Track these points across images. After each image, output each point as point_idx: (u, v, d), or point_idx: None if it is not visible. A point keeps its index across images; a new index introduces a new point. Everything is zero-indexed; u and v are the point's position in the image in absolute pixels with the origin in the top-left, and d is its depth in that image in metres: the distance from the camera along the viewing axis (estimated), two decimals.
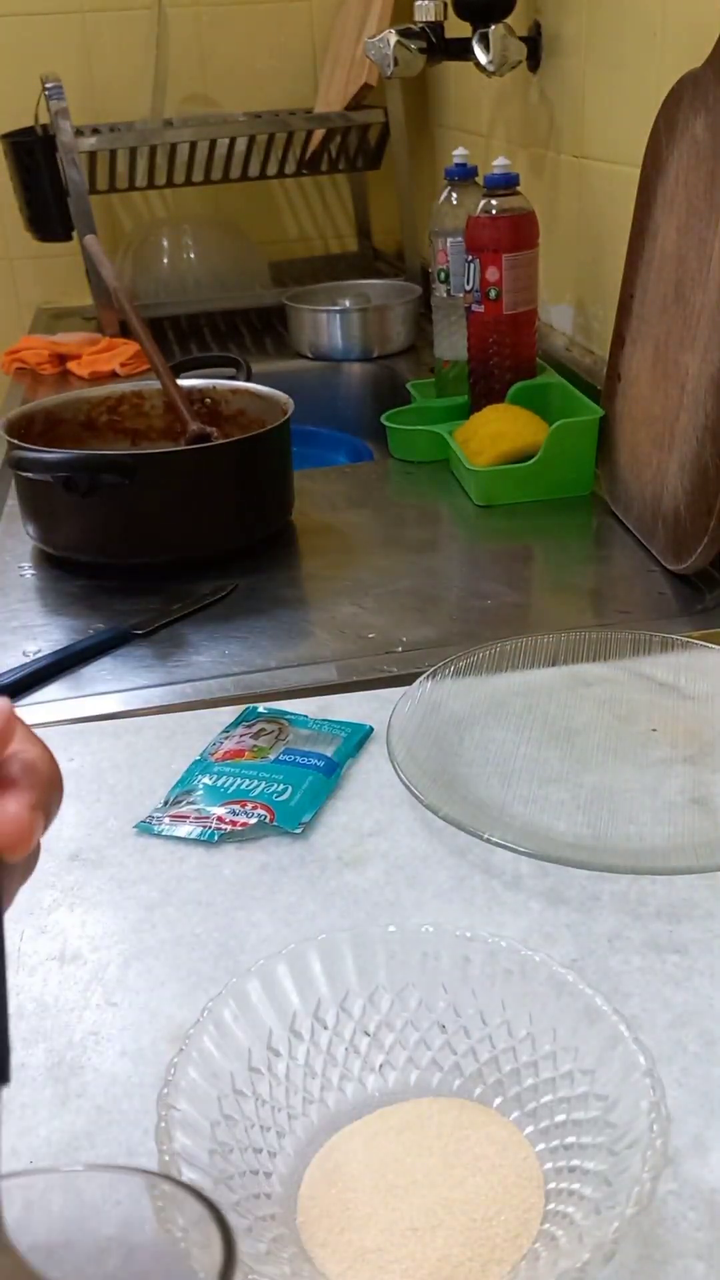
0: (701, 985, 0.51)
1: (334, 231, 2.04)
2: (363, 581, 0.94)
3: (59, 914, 0.58)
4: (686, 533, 0.88)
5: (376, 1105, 0.45)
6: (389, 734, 0.68)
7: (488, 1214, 0.40)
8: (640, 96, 1.06)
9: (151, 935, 0.56)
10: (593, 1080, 0.42)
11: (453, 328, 1.25)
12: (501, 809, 0.64)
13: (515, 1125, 0.43)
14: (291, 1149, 0.43)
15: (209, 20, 1.85)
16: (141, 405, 1.14)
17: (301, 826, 0.63)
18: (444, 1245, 0.39)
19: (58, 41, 1.81)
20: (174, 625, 0.88)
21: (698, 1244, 0.40)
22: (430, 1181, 0.41)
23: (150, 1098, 0.45)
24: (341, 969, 0.47)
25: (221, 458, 0.98)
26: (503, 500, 1.07)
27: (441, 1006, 0.46)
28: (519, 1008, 0.45)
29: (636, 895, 0.57)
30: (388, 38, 1.26)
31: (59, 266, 1.92)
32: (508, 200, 1.11)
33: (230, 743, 0.70)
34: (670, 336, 0.92)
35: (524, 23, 1.29)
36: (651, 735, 0.70)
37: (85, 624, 0.89)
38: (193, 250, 1.83)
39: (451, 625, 0.87)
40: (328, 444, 1.44)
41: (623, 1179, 0.37)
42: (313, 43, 1.89)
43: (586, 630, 0.80)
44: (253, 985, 0.45)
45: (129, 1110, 0.47)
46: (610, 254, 1.16)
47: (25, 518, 1.01)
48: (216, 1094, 0.42)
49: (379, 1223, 0.40)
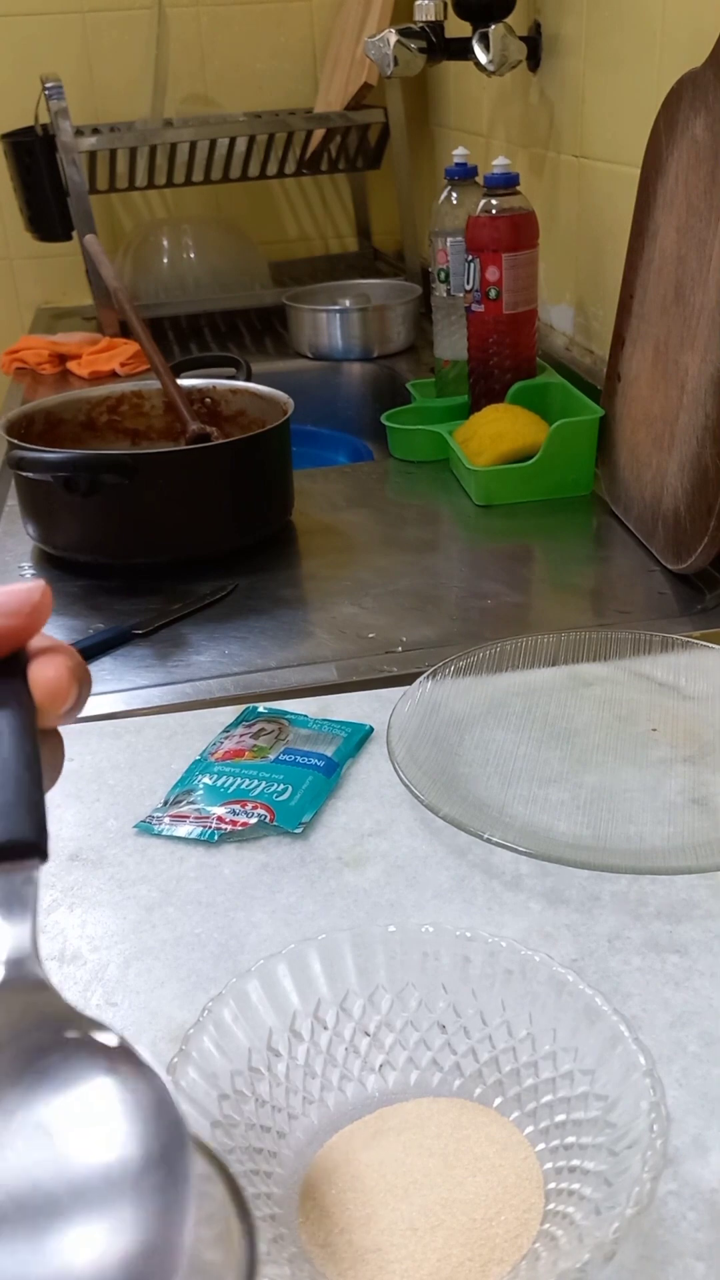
0: (701, 985, 0.51)
1: (334, 231, 2.04)
2: (363, 581, 0.94)
3: (59, 914, 0.58)
4: (686, 533, 0.88)
5: (376, 1105, 0.45)
6: (389, 734, 0.68)
7: (488, 1214, 0.40)
8: (640, 96, 1.06)
9: (151, 935, 0.56)
10: (593, 1080, 0.42)
11: (453, 327, 1.25)
12: (501, 809, 0.64)
13: (515, 1125, 0.43)
14: (291, 1149, 0.43)
15: (209, 20, 1.85)
16: (141, 405, 1.14)
17: (301, 826, 0.63)
18: (444, 1245, 0.39)
19: (58, 41, 1.81)
20: (174, 625, 0.88)
21: (697, 1244, 0.40)
22: (430, 1182, 0.41)
23: None
24: (341, 969, 0.47)
25: (221, 458, 0.98)
26: (503, 500, 1.07)
27: (441, 1007, 0.46)
28: (519, 1008, 0.45)
29: (636, 895, 0.57)
30: (388, 37, 1.26)
31: (59, 266, 1.92)
32: (508, 200, 1.11)
33: (230, 743, 0.70)
34: (670, 337, 0.92)
35: (524, 23, 1.29)
36: (651, 735, 0.70)
37: (85, 624, 0.89)
38: (193, 250, 1.83)
39: (451, 625, 0.87)
40: (328, 444, 1.44)
41: (623, 1179, 0.37)
42: (313, 43, 1.89)
43: (586, 630, 0.80)
44: (252, 985, 0.45)
45: None
46: (610, 254, 1.16)
47: (25, 518, 1.01)
48: (216, 1094, 0.42)
49: (379, 1223, 0.40)
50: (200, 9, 1.84)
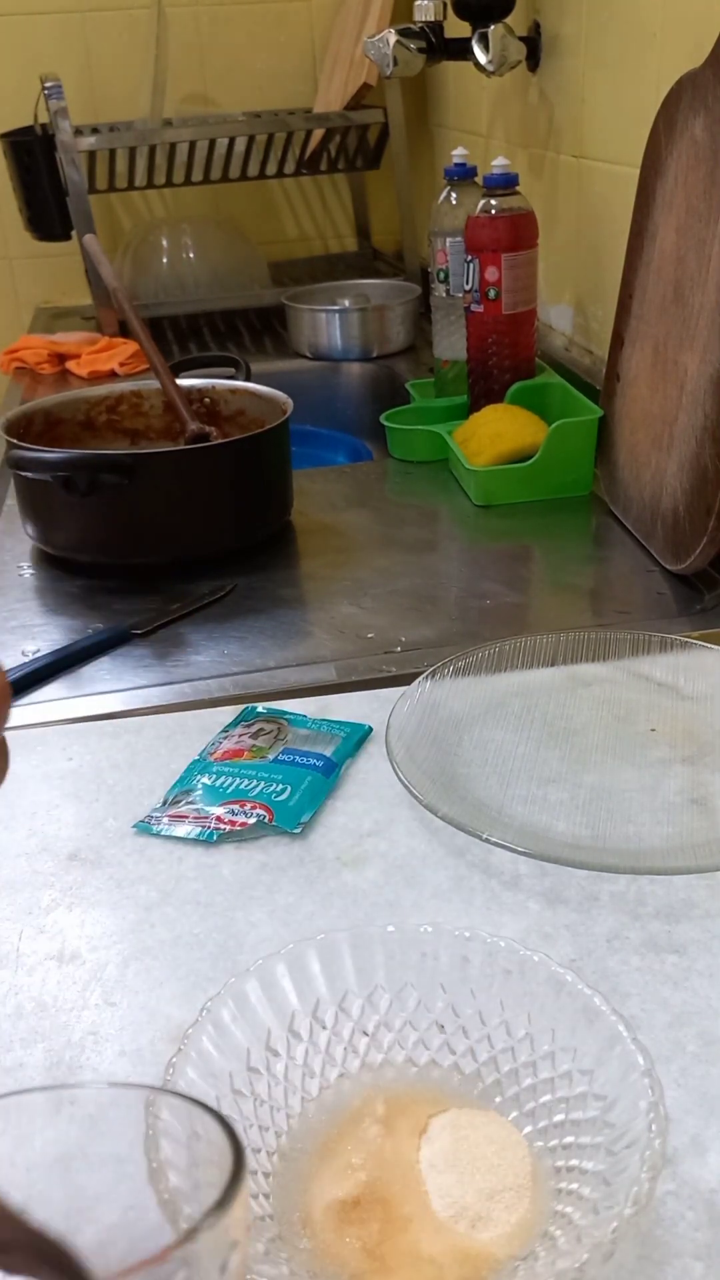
0: (700, 985, 0.51)
1: (333, 231, 2.04)
2: (362, 581, 0.94)
3: (58, 914, 0.58)
4: (685, 533, 0.88)
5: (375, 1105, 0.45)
6: (388, 734, 0.68)
7: (486, 1214, 0.40)
8: (640, 97, 1.06)
9: (150, 935, 0.56)
10: (591, 1080, 0.42)
11: (452, 328, 1.25)
12: (500, 809, 0.64)
13: (514, 1125, 0.43)
14: (290, 1149, 0.43)
15: (209, 20, 1.85)
16: (141, 405, 1.14)
17: (300, 826, 0.63)
18: (443, 1245, 0.39)
19: (58, 41, 1.81)
20: (173, 625, 0.88)
21: (696, 1244, 0.40)
22: (429, 1181, 0.41)
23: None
24: (340, 969, 0.47)
25: (221, 457, 0.98)
26: (502, 500, 1.07)
27: (440, 1006, 0.46)
28: (518, 1008, 0.45)
29: (635, 895, 0.57)
30: (387, 37, 1.26)
31: (58, 266, 1.92)
32: (507, 200, 1.11)
33: (229, 742, 0.70)
34: (669, 337, 0.92)
35: (523, 23, 1.29)
36: (650, 735, 0.70)
37: (84, 624, 0.89)
38: (192, 250, 1.83)
39: (450, 625, 0.87)
40: (327, 444, 1.44)
41: (621, 1179, 0.37)
42: (312, 43, 1.89)
43: (585, 630, 0.79)
44: (251, 985, 0.45)
45: None
46: (609, 254, 1.16)
47: (24, 517, 1.01)
48: (215, 1094, 0.42)
49: (378, 1222, 0.40)
50: (200, 9, 1.84)
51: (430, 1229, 0.39)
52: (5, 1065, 0.49)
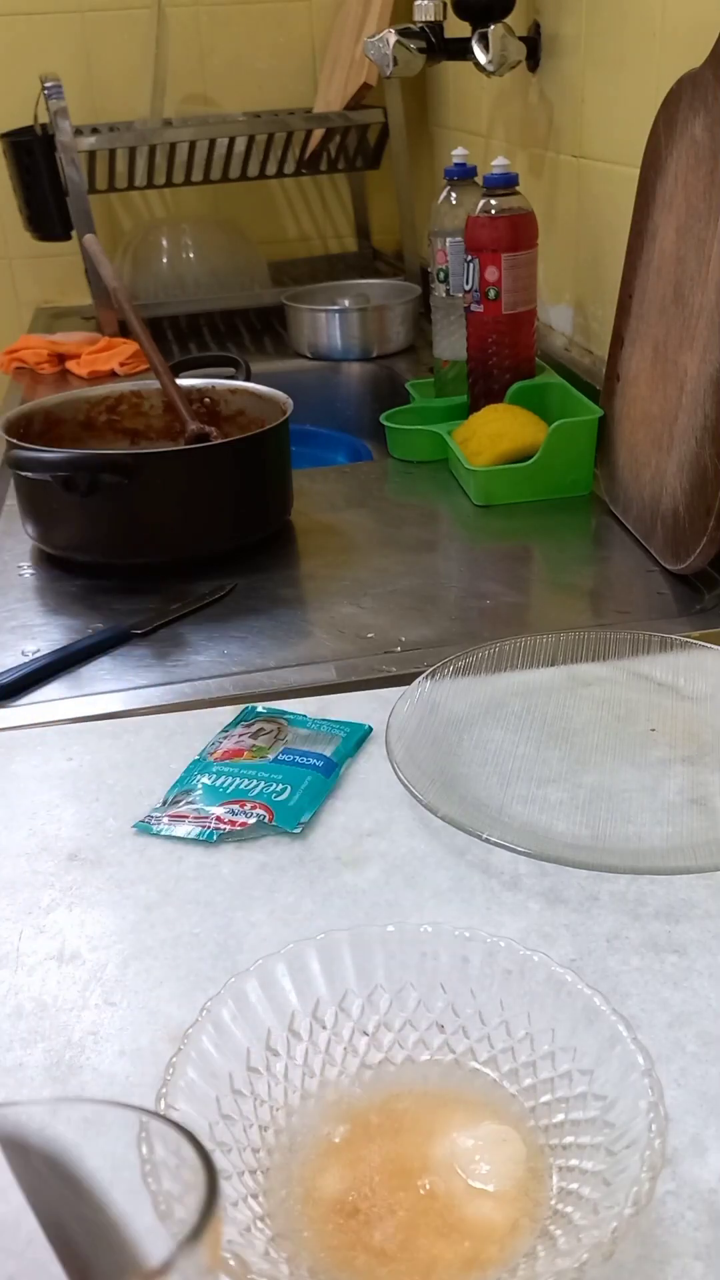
0: (700, 985, 0.51)
1: (333, 231, 2.04)
2: (362, 581, 0.94)
3: (57, 914, 0.58)
4: (685, 533, 0.88)
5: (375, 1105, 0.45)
6: (388, 734, 0.68)
7: (486, 1213, 0.40)
8: (639, 96, 1.06)
9: (150, 935, 0.56)
10: (591, 1080, 0.42)
11: (452, 327, 1.25)
12: (500, 809, 0.64)
13: (514, 1125, 0.43)
14: (290, 1148, 0.43)
15: (209, 20, 1.85)
16: (140, 405, 1.14)
17: (300, 826, 0.63)
18: (442, 1245, 0.39)
19: (58, 41, 1.81)
20: (173, 625, 0.88)
21: (696, 1244, 0.40)
22: (429, 1181, 0.41)
23: (149, 1098, 0.45)
24: (340, 969, 0.47)
25: (221, 457, 0.98)
26: (502, 500, 1.07)
27: (440, 1006, 0.46)
28: (517, 1008, 0.45)
29: (635, 895, 0.57)
30: (387, 37, 1.26)
31: (58, 266, 1.92)
32: (507, 200, 1.11)
33: (229, 742, 0.70)
34: (669, 337, 0.92)
35: (523, 23, 1.29)
36: (650, 735, 0.70)
37: (84, 624, 0.89)
38: (192, 250, 1.83)
39: (450, 625, 0.87)
40: (327, 444, 1.44)
41: (621, 1179, 0.37)
42: (312, 43, 1.89)
43: (585, 630, 0.79)
44: (251, 985, 0.45)
45: None
46: (609, 254, 1.16)
47: (24, 517, 1.01)
48: (215, 1094, 0.42)
49: (378, 1222, 0.40)
50: (200, 8, 1.84)
51: (430, 1229, 0.39)
52: (5, 1065, 0.49)
